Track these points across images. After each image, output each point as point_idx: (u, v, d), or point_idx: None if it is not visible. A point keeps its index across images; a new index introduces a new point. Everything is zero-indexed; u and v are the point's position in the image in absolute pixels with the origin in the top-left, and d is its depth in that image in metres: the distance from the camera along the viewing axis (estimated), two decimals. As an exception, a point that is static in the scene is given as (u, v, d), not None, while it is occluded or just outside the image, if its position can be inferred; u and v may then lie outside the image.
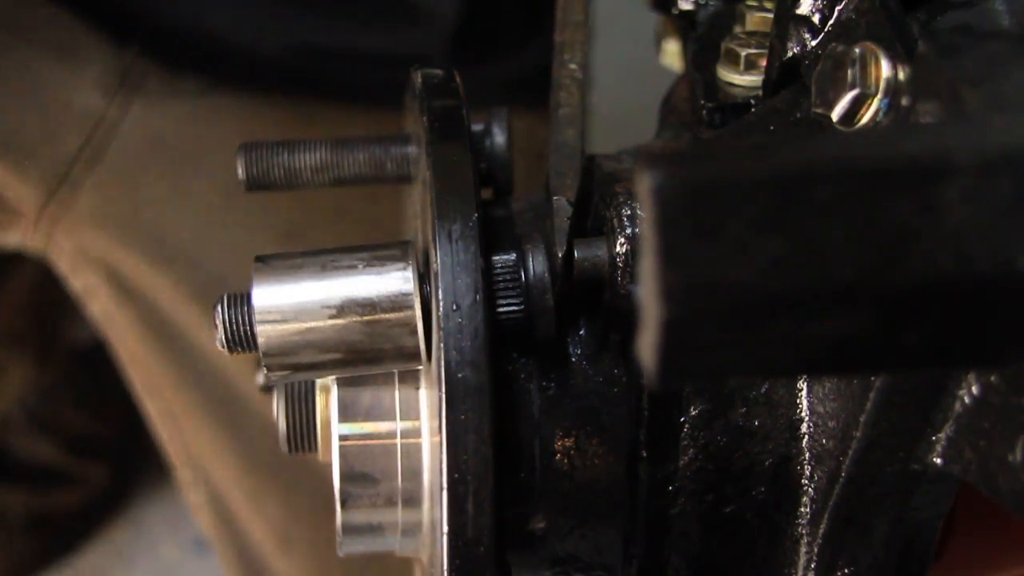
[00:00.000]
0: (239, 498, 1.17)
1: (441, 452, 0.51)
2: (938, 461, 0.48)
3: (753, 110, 0.59)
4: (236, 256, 0.96)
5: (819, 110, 0.49)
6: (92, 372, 1.68)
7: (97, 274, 1.15)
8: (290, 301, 0.55)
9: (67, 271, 1.17)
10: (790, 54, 0.54)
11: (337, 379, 0.59)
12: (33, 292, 1.51)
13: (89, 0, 1.11)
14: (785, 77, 0.55)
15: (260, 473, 1.14)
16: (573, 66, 0.66)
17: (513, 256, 0.55)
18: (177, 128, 1.12)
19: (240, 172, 0.64)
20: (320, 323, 0.54)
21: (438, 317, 0.52)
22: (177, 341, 1.13)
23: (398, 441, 0.58)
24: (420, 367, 0.57)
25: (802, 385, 0.55)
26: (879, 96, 0.45)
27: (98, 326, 1.19)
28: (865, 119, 0.46)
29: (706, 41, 0.64)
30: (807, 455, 0.54)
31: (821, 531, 0.54)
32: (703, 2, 0.66)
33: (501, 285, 0.55)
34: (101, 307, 1.17)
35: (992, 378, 0.44)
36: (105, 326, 1.18)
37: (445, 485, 0.51)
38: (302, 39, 1.14)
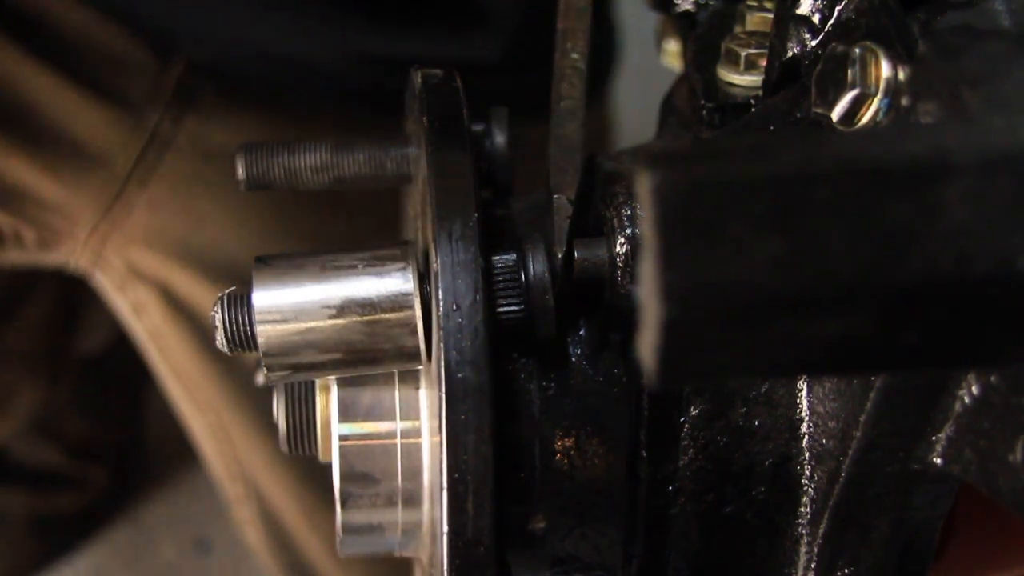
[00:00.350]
0: (294, 514, 1.17)
1: (441, 452, 0.51)
2: (938, 461, 0.48)
3: (753, 110, 0.59)
4: None
5: (819, 110, 0.49)
6: (96, 379, 1.68)
7: (148, 291, 1.14)
8: (290, 301, 0.55)
9: (114, 288, 1.15)
10: (790, 54, 0.54)
11: (337, 379, 0.59)
12: (48, 312, 1.50)
13: (143, 14, 1.10)
14: (785, 77, 0.55)
15: (316, 489, 1.14)
16: (575, 56, 0.65)
17: (513, 256, 0.55)
18: (230, 143, 1.11)
19: (240, 172, 0.64)
20: (320, 323, 0.54)
21: (438, 317, 0.52)
22: (230, 357, 1.12)
23: (398, 441, 0.58)
24: (420, 367, 0.57)
25: (802, 385, 0.55)
26: (879, 96, 0.45)
27: (143, 342, 1.19)
28: (865, 119, 0.46)
29: (706, 41, 0.64)
30: (807, 455, 0.54)
31: (821, 531, 0.54)
32: (703, 2, 0.66)
33: (501, 285, 0.55)
34: (151, 323, 1.16)
35: (992, 378, 0.44)
36: (153, 342, 1.17)
37: (445, 485, 0.51)
38: (359, 49, 1.13)
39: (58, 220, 1.11)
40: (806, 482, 0.54)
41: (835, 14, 0.52)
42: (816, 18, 0.53)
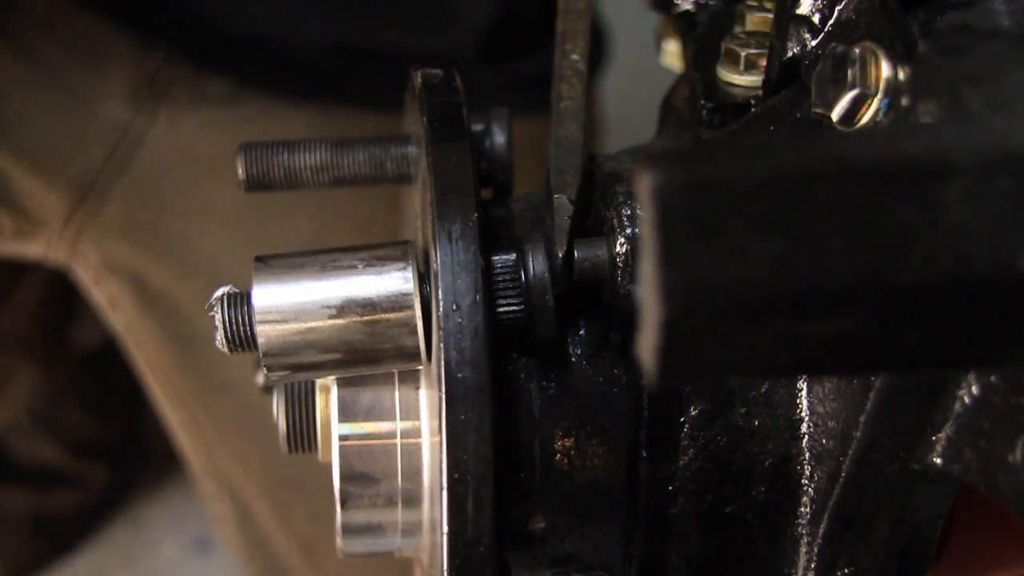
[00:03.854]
0: (265, 509, 1.17)
1: (441, 452, 0.51)
2: (938, 461, 0.48)
3: (753, 110, 0.59)
4: None
5: (819, 110, 0.49)
6: (95, 375, 1.68)
7: (122, 284, 1.14)
8: (290, 301, 0.55)
9: (91, 281, 1.15)
10: (790, 54, 0.54)
11: (337, 379, 0.59)
12: (43, 298, 1.51)
13: (117, 1, 1.11)
14: (785, 77, 0.55)
15: (286, 484, 1.14)
16: (575, 57, 0.65)
17: (513, 256, 0.55)
18: (203, 137, 1.11)
19: (240, 172, 0.64)
20: (320, 323, 0.54)
21: (438, 317, 0.52)
22: (202, 351, 1.12)
23: (398, 441, 0.58)
24: (420, 367, 0.57)
25: (802, 385, 0.55)
26: (879, 96, 0.45)
27: (120, 336, 1.19)
28: (865, 119, 0.46)
29: (706, 41, 0.64)
30: (807, 455, 0.54)
31: (821, 531, 0.54)
32: (703, 2, 0.66)
33: (501, 285, 0.55)
34: (125, 317, 1.16)
35: (992, 378, 0.44)
36: (128, 336, 1.17)
37: (445, 485, 0.51)
38: (334, 39, 1.13)
39: (32, 208, 1.11)
40: (806, 482, 0.54)
41: (835, 14, 0.52)
42: (816, 18, 0.53)
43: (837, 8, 0.51)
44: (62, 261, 1.15)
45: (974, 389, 0.45)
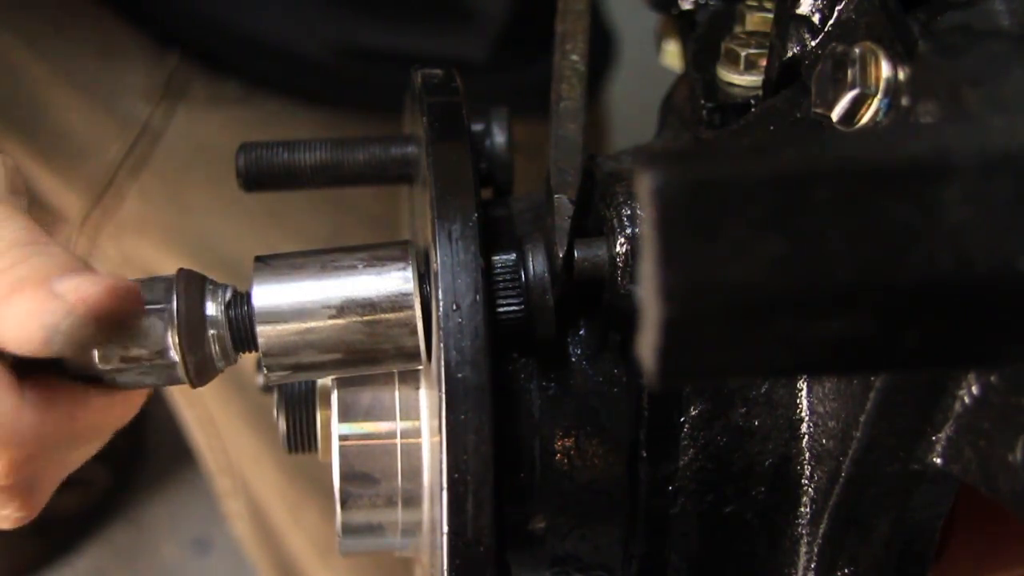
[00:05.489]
0: (279, 508, 1.17)
1: (441, 452, 0.51)
2: (938, 461, 0.48)
3: (753, 110, 0.59)
4: None
5: (819, 110, 0.49)
6: None
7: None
8: (290, 301, 0.55)
9: None
10: (790, 54, 0.54)
11: (337, 379, 0.59)
12: None
13: (133, 2, 1.11)
14: (785, 77, 0.55)
15: (300, 483, 1.14)
16: (575, 57, 0.65)
17: (513, 256, 0.55)
18: (221, 134, 1.12)
19: (239, 172, 0.64)
20: (320, 323, 0.54)
21: (438, 317, 0.52)
22: None
23: (398, 441, 0.58)
24: (420, 367, 0.57)
25: (802, 385, 0.55)
26: (879, 96, 0.45)
27: None
28: (865, 119, 0.46)
29: (706, 41, 0.64)
30: (807, 455, 0.54)
31: (821, 531, 0.54)
32: (703, 2, 0.66)
33: (501, 285, 0.55)
34: None
35: (992, 378, 0.44)
36: None
37: (445, 485, 0.51)
38: (348, 41, 1.13)
39: (51, 205, 1.11)
40: (806, 482, 0.54)
41: (835, 14, 0.52)
42: (816, 18, 0.53)
43: (837, 8, 0.51)
44: (81, 257, 1.16)
45: (974, 389, 0.45)
